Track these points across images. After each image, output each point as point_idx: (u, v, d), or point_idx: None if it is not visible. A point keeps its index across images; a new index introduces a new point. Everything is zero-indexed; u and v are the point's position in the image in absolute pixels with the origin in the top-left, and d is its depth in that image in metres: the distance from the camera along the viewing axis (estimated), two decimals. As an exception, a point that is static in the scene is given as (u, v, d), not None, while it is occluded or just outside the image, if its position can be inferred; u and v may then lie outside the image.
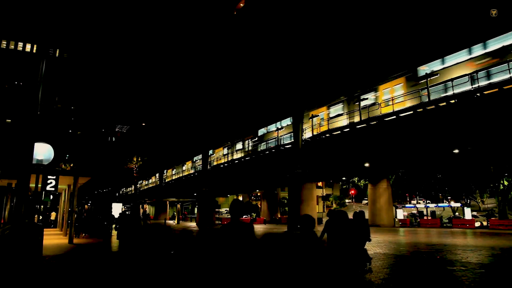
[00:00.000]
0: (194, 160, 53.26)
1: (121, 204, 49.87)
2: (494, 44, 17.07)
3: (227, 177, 39.16)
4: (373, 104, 22.52)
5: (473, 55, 17.95)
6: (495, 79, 16.18)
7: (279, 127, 31.09)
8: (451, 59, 18.97)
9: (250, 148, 36.56)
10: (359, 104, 22.72)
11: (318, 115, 26.67)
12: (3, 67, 70.00)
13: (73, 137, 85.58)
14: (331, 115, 26.01)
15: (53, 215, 28.28)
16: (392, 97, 21.41)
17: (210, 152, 44.45)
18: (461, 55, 18.56)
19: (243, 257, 3.32)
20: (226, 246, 3.40)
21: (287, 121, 30.87)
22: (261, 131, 35.24)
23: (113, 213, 30.57)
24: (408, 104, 20.00)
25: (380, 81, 23.04)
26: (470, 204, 41.92)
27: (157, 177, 68.09)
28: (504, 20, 18.06)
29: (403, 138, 21.39)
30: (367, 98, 23.00)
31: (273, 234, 23.66)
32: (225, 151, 41.54)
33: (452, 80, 17.80)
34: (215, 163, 42.07)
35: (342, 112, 25.06)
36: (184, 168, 58.65)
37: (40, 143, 10.36)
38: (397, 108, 20.43)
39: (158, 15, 71.29)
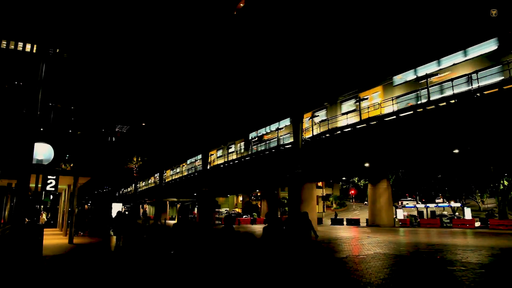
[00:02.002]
0: (188, 163, 54.30)
1: (121, 204, 49.94)
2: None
3: (227, 177, 39.14)
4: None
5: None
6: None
7: (269, 131, 32.31)
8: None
9: (242, 150, 36.96)
10: (359, 105, 22.74)
11: (318, 115, 26.66)
12: (3, 67, 69.99)
13: (73, 137, 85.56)
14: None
15: (43, 215, 26.83)
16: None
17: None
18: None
19: (188, 242, 5.52)
20: (176, 235, 6.00)
21: (275, 126, 31.58)
22: (252, 135, 35.58)
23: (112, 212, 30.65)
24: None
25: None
26: (465, 203, 41.91)
27: (157, 177, 68.22)
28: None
29: (403, 138, 21.39)
30: (367, 98, 23.04)
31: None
32: (224, 151, 41.71)
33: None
34: (214, 163, 42.09)
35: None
36: (178, 170, 59.39)
37: (40, 143, 10.36)
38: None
39: (158, 15, 71.27)
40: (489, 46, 17.29)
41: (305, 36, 28.86)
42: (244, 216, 46.95)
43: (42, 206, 24.30)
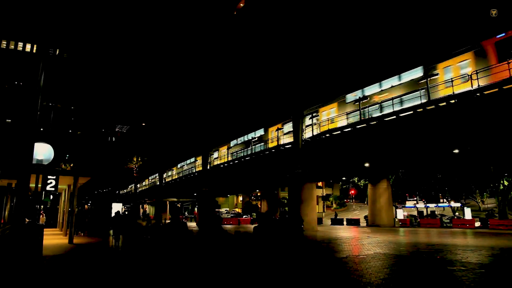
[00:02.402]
0: (179, 166, 56.56)
1: (121, 204, 49.88)
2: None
3: (227, 177, 39.14)
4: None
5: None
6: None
7: (246, 139, 35.88)
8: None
9: (225, 155, 40.22)
10: (359, 105, 22.74)
11: (318, 115, 26.70)
12: (3, 67, 69.98)
13: (73, 137, 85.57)
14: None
15: (43, 215, 26.05)
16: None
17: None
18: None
19: (178, 238, 6.14)
20: (169, 233, 6.20)
21: (252, 135, 35.38)
22: (233, 142, 39.72)
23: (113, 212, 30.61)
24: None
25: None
26: (465, 203, 41.92)
27: (157, 177, 68.34)
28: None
29: (403, 138, 21.39)
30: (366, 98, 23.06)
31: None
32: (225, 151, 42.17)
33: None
34: (214, 163, 42.14)
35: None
36: (169, 173, 60.31)
37: (40, 143, 10.35)
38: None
39: (158, 15, 71.28)
40: (417, 73, 20.35)
41: (304, 35, 28.99)
42: (244, 216, 46.95)
43: (42, 206, 24.25)
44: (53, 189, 14.05)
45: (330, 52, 29.08)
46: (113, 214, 17.84)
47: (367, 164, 26.42)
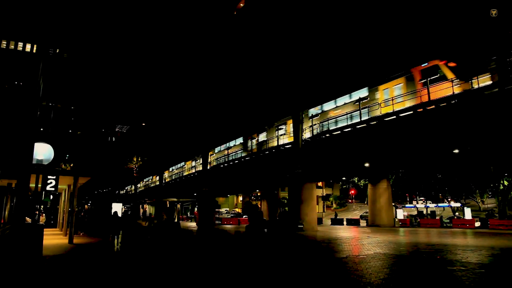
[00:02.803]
0: (170, 170, 60.45)
1: (121, 204, 49.84)
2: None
3: (227, 177, 39.15)
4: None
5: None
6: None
7: (229, 146, 39.51)
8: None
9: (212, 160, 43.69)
10: (359, 105, 22.75)
11: (318, 115, 26.72)
12: (3, 67, 69.97)
13: (73, 137, 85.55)
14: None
15: (43, 215, 25.59)
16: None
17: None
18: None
19: (170, 236, 6.67)
20: (161, 232, 6.70)
21: (233, 142, 39.50)
22: (217, 149, 43.65)
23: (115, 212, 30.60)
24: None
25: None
26: (465, 203, 41.91)
27: (151, 179, 68.62)
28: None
29: (403, 138, 21.39)
30: (366, 98, 23.08)
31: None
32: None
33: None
34: (214, 164, 42.22)
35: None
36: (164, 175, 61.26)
37: (40, 143, 10.35)
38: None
39: (158, 15, 71.25)
40: (363, 92, 23.54)
41: (304, 35, 29.06)
42: (244, 216, 46.99)
43: (42, 206, 24.25)
44: (53, 189, 14.04)
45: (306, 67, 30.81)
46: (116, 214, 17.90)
47: (367, 164, 26.41)
